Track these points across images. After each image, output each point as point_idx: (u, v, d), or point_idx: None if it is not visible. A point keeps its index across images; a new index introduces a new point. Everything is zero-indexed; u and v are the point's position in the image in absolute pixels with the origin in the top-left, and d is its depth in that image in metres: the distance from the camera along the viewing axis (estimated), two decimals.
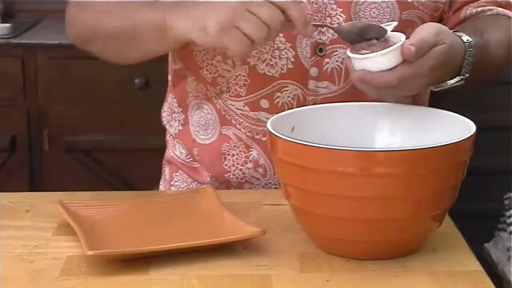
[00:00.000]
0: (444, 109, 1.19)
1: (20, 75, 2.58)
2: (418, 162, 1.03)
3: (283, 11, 1.15)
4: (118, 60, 1.39)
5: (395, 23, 1.19)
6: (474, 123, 1.11)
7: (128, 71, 2.53)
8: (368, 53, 1.14)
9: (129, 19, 1.28)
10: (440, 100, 1.37)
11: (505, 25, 1.34)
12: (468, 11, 1.36)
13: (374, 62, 1.14)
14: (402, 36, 1.15)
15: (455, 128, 1.12)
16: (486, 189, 2.48)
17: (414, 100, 1.32)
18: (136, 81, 2.56)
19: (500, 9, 1.37)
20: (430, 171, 1.04)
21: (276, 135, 1.08)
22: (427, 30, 1.15)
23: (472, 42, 1.22)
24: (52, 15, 2.83)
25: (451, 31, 1.21)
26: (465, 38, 1.22)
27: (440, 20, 1.36)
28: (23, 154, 2.62)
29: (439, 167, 1.05)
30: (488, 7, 1.36)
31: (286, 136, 1.07)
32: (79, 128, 2.61)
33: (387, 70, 1.13)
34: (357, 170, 1.02)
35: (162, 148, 1.53)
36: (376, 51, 1.14)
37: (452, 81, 1.22)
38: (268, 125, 1.11)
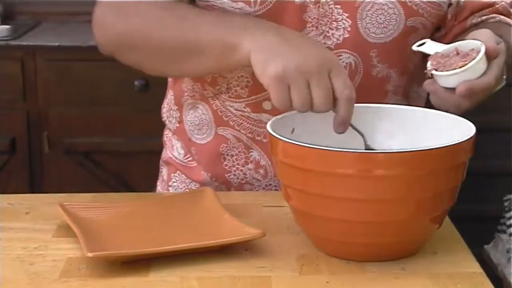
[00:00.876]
0: (443, 110, 1.19)
1: (20, 77, 2.58)
2: (417, 163, 1.03)
3: (335, 99, 1.12)
4: (160, 72, 1.34)
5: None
6: (474, 124, 1.11)
7: (128, 73, 2.52)
8: (462, 66, 1.14)
9: (192, 32, 1.22)
10: None
11: (509, 32, 1.35)
12: (473, 20, 1.38)
13: (475, 70, 1.14)
14: (476, 42, 1.16)
15: (455, 129, 1.12)
16: (486, 190, 2.48)
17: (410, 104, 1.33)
18: (136, 83, 2.56)
19: (502, 17, 1.39)
20: (430, 173, 1.04)
21: (276, 137, 1.08)
22: (484, 33, 1.18)
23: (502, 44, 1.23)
24: (52, 17, 2.83)
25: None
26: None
27: (438, 29, 1.37)
28: (23, 156, 2.62)
29: (438, 168, 1.05)
30: (491, 15, 1.39)
31: (286, 138, 1.07)
32: (79, 130, 2.61)
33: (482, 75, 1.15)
34: (357, 172, 1.02)
35: (162, 150, 1.53)
36: (468, 61, 1.14)
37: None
38: (268, 127, 1.11)
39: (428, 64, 1.18)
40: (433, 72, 1.16)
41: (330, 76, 1.11)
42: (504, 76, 1.21)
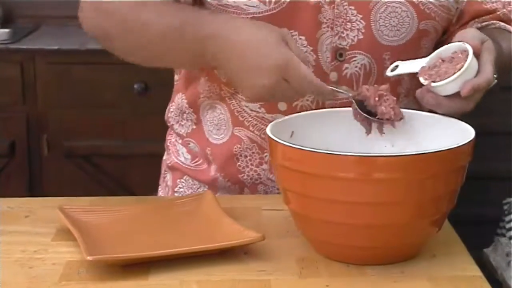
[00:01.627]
0: (443, 114, 1.19)
1: (20, 81, 2.58)
2: (417, 167, 1.03)
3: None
4: (143, 63, 1.36)
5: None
6: (474, 127, 1.11)
7: (127, 76, 2.54)
8: (460, 68, 1.15)
9: (158, 38, 1.26)
10: None
11: (507, 37, 1.36)
12: (474, 26, 1.38)
13: (471, 68, 1.15)
14: (455, 43, 1.17)
15: (454, 133, 1.13)
16: (485, 194, 2.48)
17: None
18: (136, 86, 2.56)
19: (502, 23, 1.40)
20: (430, 176, 1.04)
21: (275, 140, 1.08)
22: (470, 32, 1.20)
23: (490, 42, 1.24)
24: (51, 20, 2.83)
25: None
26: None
27: (444, 33, 1.38)
28: (22, 159, 2.62)
29: (438, 172, 1.05)
30: (492, 22, 1.40)
31: (285, 141, 1.07)
32: (78, 133, 2.61)
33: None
34: (357, 175, 1.02)
35: (162, 154, 1.53)
36: (461, 63, 1.15)
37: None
38: (268, 130, 1.11)
39: (421, 80, 1.17)
40: (432, 84, 1.16)
41: (287, 80, 1.17)
42: (495, 75, 1.21)
